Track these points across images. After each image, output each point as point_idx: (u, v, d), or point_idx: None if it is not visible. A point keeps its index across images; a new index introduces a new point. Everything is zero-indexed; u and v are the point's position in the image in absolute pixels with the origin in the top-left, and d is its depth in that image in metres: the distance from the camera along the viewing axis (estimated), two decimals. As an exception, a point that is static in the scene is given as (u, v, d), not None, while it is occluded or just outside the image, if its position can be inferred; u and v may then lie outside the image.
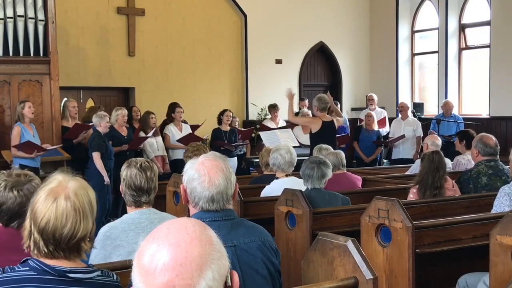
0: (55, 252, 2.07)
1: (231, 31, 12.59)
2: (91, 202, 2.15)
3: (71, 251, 2.10)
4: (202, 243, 1.26)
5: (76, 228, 2.07)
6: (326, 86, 14.03)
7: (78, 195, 2.10)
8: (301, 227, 4.50)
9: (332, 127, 7.93)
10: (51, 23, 8.60)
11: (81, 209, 2.09)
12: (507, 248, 3.32)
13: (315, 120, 7.98)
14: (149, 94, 11.47)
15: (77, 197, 2.09)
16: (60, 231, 2.05)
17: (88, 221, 2.11)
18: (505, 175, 5.48)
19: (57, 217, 2.05)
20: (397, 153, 10.69)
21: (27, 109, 7.76)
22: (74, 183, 2.13)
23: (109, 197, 7.96)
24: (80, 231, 2.08)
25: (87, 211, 2.11)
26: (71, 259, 2.10)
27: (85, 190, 2.15)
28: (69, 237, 2.07)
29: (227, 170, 2.51)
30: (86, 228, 2.11)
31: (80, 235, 2.09)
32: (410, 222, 3.87)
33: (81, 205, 2.09)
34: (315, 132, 7.85)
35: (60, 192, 2.08)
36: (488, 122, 11.61)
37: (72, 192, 2.09)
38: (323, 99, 7.99)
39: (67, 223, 2.06)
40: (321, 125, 7.82)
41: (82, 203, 2.10)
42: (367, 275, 2.55)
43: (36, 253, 2.08)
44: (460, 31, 12.61)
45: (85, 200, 2.12)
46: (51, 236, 2.05)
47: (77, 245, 2.10)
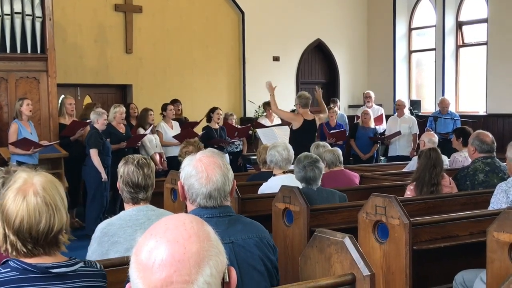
0: (34, 250, 2.05)
1: (229, 28, 12.59)
2: (61, 194, 2.12)
3: (50, 246, 2.08)
4: (200, 239, 1.26)
5: (51, 222, 2.05)
6: (323, 83, 14.02)
7: (47, 189, 2.07)
8: (298, 224, 4.51)
9: (312, 125, 7.95)
10: (48, 20, 8.59)
11: (52, 202, 2.06)
12: (504, 244, 3.33)
13: (297, 117, 7.98)
14: (146, 91, 11.46)
15: (46, 191, 2.06)
16: (36, 228, 2.03)
17: (61, 213, 2.09)
18: (501, 172, 5.49)
19: (30, 214, 2.02)
20: (393, 150, 10.70)
21: (25, 106, 7.76)
22: (40, 178, 2.10)
23: (107, 194, 7.96)
24: (55, 224, 2.06)
25: (59, 203, 2.09)
26: (51, 254, 2.09)
27: (52, 183, 2.12)
28: (46, 233, 2.04)
29: (225, 167, 2.52)
30: (61, 221, 2.09)
31: (56, 229, 2.07)
32: (407, 219, 3.88)
33: (51, 198, 2.06)
34: (295, 129, 7.89)
35: (28, 189, 2.05)
36: (485, 119, 11.63)
37: (40, 187, 2.06)
38: (303, 96, 8.01)
39: (41, 219, 2.03)
40: (302, 123, 7.83)
41: (53, 197, 2.07)
42: (364, 272, 2.56)
43: (15, 254, 2.06)
44: (457, 28, 12.62)
45: (54, 193, 2.09)
46: (27, 235, 2.03)
47: (55, 239, 2.08)
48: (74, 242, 2.45)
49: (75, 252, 2.33)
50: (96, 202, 7.84)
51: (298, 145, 6.76)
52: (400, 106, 10.81)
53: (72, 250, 2.34)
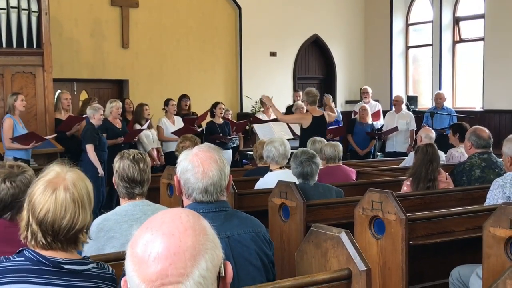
0: (52, 244, 2.06)
1: (226, 23, 12.56)
2: (89, 194, 2.14)
3: (69, 243, 2.09)
4: (196, 233, 1.26)
5: (75, 219, 2.06)
6: (320, 79, 14.04)
7: (77, 186, 2.09)
8: (295, 219, 4.51)
9: (322, 121, 7.88)
10: (44, 15, 8.56)
11: (80, 200, 2.08)
12: (500, 240, 3.33)
13: (306, 115, 7.89)
14: (143, 86, 11.44)
15: (76, 189, 2.08)
16: (59, 223, 2.04)
17: (86, 213, 2.11)
18: (498, 167, 5.50)
19: (56, 208, 2.04)
20: (390, 146, 10.71)
21: (20, 101, 7.71)
22: (72, 174, 2.12)
23: (103, 189, 7.94)
24: (78, 222, 2.08)
25: (86, 202, 2.11)
26: (68, 250, 2.10)
27: (83, 181, 2.14)
28: (67, 229, 2.06)
29: (221, 162, 2.51)
30: (85, 220, 2.11)
31: (78, 227, 2.08)
32: (404, 214, 3.88)
33: (80, 196, 2.08)
34: (305, 127, 7.77)
35: (59, 183, 2.07)
36: (481, 115, 11.64)
37: (70, 183, 2.08)
38: (311, 93, 7.89)
39: (66, 214, 2.05)
40: (312, 120, 7.74)
41: (81, 195, 2.09)
42: (361, 267, 2.55)
43: (33, 244, 2.07)
44: (454, 24, 12.62)
45: (83, 192, 2.11)
46: (49, 228, 2.04)
47: (75, 237, 2.10)
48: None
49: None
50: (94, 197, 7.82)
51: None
52: (398, 102, 10.82)
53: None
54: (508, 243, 3.31)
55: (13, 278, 1.98)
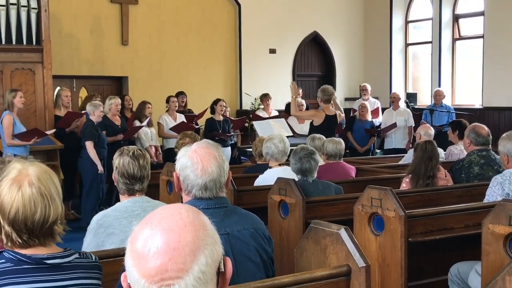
0: (29, 241, 2.04)
1: (225, 20, 12.56)
2: (55, 185, 2.11)
3: (46, 237, 2.07)
4: (196, 228, 1.26)
5: (46, 213, 2.04)
6: (319, 76, 14.03)
7: (42, 179, 2.06)
8: (294, 216, 4.51)
9: (334, 121, 7.78)
10: (43, 11, 8.55)
11: (48, 193, 2.05)
12: (499, 236, 3.34)
13: (319, 113, 7.80)
14: (142, 83, 11.44)
15: (41, 182, 2.05)
16: (31, 219, 2.02)
17: (57, 204, 2.08)
18: (497, 164, 5.50)
19: (25, 205, 2.01)
20: (389, 143, 10.70)
21: (18, 98, 7.70)
22: (35, 169, 2.09)
23: (103, 186, 7.94)
24: (51, 215, 2.05)
25: (54, 194, 2.08)
26: (47, 244, 2.08)
27: (47, 173, 2.11)
28: (41, 223, 2.04)
29: (220, 158, 2.51)
30: (56, 211, 2.08)
31: (51, 219, 2.06)
32: (403, 211, 3.88)
33: (46, 189, 2.05)
34: (317, 125, 7.65)
35: (23, 180, 2.04)
36: (480, 112, 11.64)
37: (35, 177, 2.05)
38: (327, 91, 7.76)
39: (36, 209, 2.02)
40: (324, 118, 7.64)
41: (48, 187, 2.06)
42: (360, 263, 2.56)
43: (10, 245, 2.05)
44: (453, 21, 12.61)
45: (49, 183, 2.08)
46: (23, 226, 2.02)
47: (50, 230, 2.07)
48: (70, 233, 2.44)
49: (70, 244, 2.33)
50: (92, 194, 7.83)
51: None
52: (395, 99, 10.81)
53: (67, 242, 2.34)
54: (507, 240, 3.32)
55: None
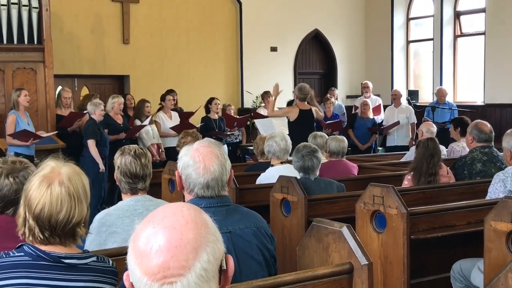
0: (50, 238, 2.07)
1: (226, 18, 12.55)
2: (85, 187, 2.14)
3: (67, 237, 2.10)
4: (198, 226, 1.27)
5: (71, 213, 2.07)
6: (321, 74, 14.03)
7: (72, 180, 2.09)
8: (296, 214, 4.51)
9: (309, 115, 7.91)
10: (45, 10, 8.56)
11: (76, 194, 2.08)
12: (501, 233, 3.34)
13: (293, 109, 7.98)
14: (143, 82, 11.44)
15: (71, 183, 2.09)
16: (55, 217, 2.05)
17: (82, 206, 2.11)
18: (499, 161, 5.49)
19: (51, 203, 2.05)
20: (391, 140, 10.68)
21: (23, 97, 7.73)
22: (67, 169, 2.12)
23: (105, 185, 7.95)
24: (75, 216, 2.08)
25: (81, 196, 2.11)
26: (67, 244, 2.10)
27: (78, 175, 2.14)
28: (64, 223, 2.06)
29: (222, 157, 2.51)
30: (81, 213, 2.11)
31: (75, 221, 2.09)
32: (405, 209, 3.88)
33: (75, 190, 2.09)
34: (292, 120, 7.85)
35: (54, 178, 2.08)
36: (482, 109, 11.63)
37: (65, 177, 2.09)
38: (303, 90, 7.94)
39: (62, 208, 2.05)
40: (298, 113, 7.81)
41: (76, 188, 2.09)
42: (362, 261, 2.56)
43: (32, 239, 2.08)
44: (455, 18, 12.60)
45: (79, 185, 2.11)
46: (46, 222, 2.05)
47: (72, 231, 2.10)
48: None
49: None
50: (94, 193, 7.81)
51: (296, 136, 6.71)
52: (397, 96, 10.78)
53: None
54: (509, 237, 3.32)
55: (13, 274, 1.98)
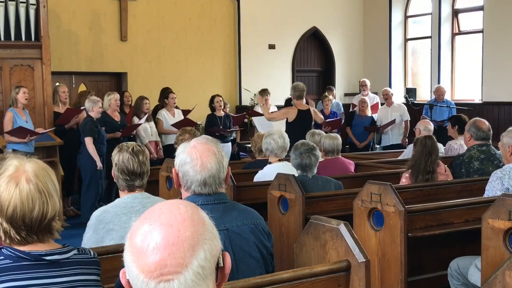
0: (28, 237, 2.04)
1: (224, 15, 12.53)
2: (53, 181, 2.10)
3: (44, 233, 2.07)
4: (195, 223, 1.26)
5: (44, 209, 2.03)
6: (319, 72, 14.02)
7: (39, 176, 2.05)
8: (293, 211, 4.51)
9: (308, 115, 7.94)
10: (42, 7, 8.53)
11: (45, 189, 2.05)
12: (498, 231, 3.34)
13: (291, 109, 7.99)
14: (141, 79, 11.43)
15: (38, 178, 2.04)
16: (29, 216, 2.01)
17: (54, 200, 2.08)
18: (497, 159, 5.50)
19: (23, 202, 2.01)
20: (386, 140, 10.64)
21: (22, 94, 7.73)
22: (32, 165, 2.08)
23: (102, 182, 7.94)
24: (49, 211, 2.05)
25: (51, 190, 2.07)
26: (45, 241, 2.08)
27: (44, 170, 2.10)
28: (39, 220, 2.03)
29: (219, 154, 2.51)
30: (54, 208, 2.07)
31: (50, 215, 2.05)
32: (403, 206, 3.88)
33: (44, 185, 2.05)
34: (291, 121, 7.87)
35: (20, 176, 2.03)
36: (480, 107, 11.63)
37: (32, 174, 2.04)
38: (297, 88, 7.97)
39: (34, 206, 2.02)
40: (297, 113, 7.83)
41: (45, 183, 2.06)
42: (360, 258, 2.56)
43: (9, 242, 2.04)
44: (453, 16, 12.59)
45: (47, 180, 2.07)
46: (21, 223, 2.01)
47: (48, 226, 2.07)
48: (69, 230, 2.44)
49: (70, 240, 2.33)
50: (92, 190, 7.83)
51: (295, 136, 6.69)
52: (388, 96, 10.73)
53: (67, 238, 2.34)
54: (507, 235, 3.32)
55: None
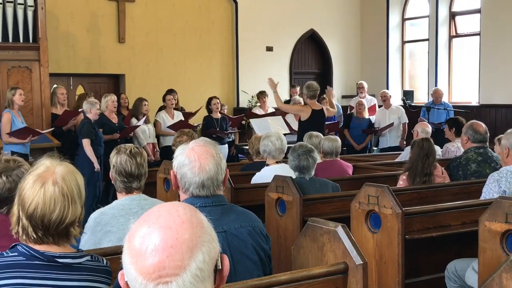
0: (44, 238, 2.06)
1: (222, 18, 12.54)
2: (79, 187, 2.13)
3: (60, 236, 2.08)
4: (193, 226, 1.26)
5: (64, 213, 2.06)
6: (316, 74, 14.03)
7: (66, 180, 2.08)
8: (291, 213, 4.51)
9: (321, 115, 7.90)
10: (40, 9, 8.54)
11: (69, 194, 2.07)
12: (495, 234, 3.34)
13: (305, 108, 7.93)
14: (139, 81, 11.42)
15: (65, 182, 2.07)
16: (48, 217, 2.04)
17: (76, 206, 2.10)
18: (494, 162, 5.51)
19: (45, 202, 2.03)
20: (384, 142, 10.62)
21: (18, 96, 7.71)
22: (62, 168, 2.11)
23: (100, 184, 7.93)
24: (68, 216, 2.07)
25: (75, 196, 2.10)
26: (60, 244, 2.09)
27: (73, 175, 2.13)
28: (58, 223, 2.05)
29: (217, 156, 2.51)
30: (75, 213, 2.10)
31: (68, 220, 2.08)
32: (400, 209, 3.89)
33: (69, 190, 2.07)
34: (304, 120, 7.80)
35: (48, 177, 2.06)
36: (477, 110, 11.65)
37: (60, 177, 2.07)
38: (311, 87, 7.92)
39: (55, 208, 2.04)
40: (311, 113, 7.77)
41: (70, 188, 2.08)
42: (357, 261, 2.56)
43: (25, 238, 2.07)
44: (450, 19, 12.62)
45: (73, 185, 2.10)
46: (39, 222, 2.04)
47: (66, 230, 2.09)
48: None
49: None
50: (89, 192, 7.79)
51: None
52: (386, 98, 10.70)
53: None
54: (503, 237, 3.33)
55: (7, 274, 1.97)
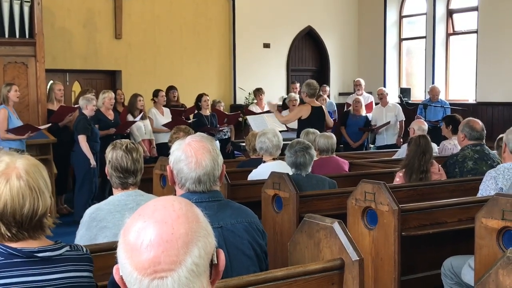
0: (19, 234, 2.03)
1: (219, 14, 12.52)
2: (44, 177, 2.09)
3: (35, 230, 2.06)
4: (189, 220, 1.26)
5: (35, 206, 2.02)
6: (314, 71, 14.02)
7: (30, 172, 2.04)
8: (288, 210, 4.51)
9: (321, 112, 7.92)
10: (36, 4, 8.50)
11: (36, 186, 2.03)
12: (492, 231, 3.34)
13: (304, 107, 7.94)
14: (136, 77, 11.40)
15: (29, 175, 2.03)
16: (19, 212, 2.00)
17: (45, 197, 2.06)
18: (490, 159, 5.52)
19: (13, 198, 2.00)
20: (381, 140, 10.64)
21: (13, 92, 7.68)
22: (23, 162, 2.07)
23: (96, 180, 7.92)
24: (40, 208, 2.04)
25: (43, 187, 2.06)
26: (36, 238, 2.07)
27: (35, 166, 2.09)
28: (30, 216, 2.02)
29: (214, 152, 2.50)
30: (45, 204, 2.06)
31: (40, 212, 2.04)
32: (396, 205, 3.89)
33: (35, 182, 2.04)
34: (304, 118, 7.81)
35: (10, 173, 2.02)
36: (474, 107, 11.66)
37: (23, 170, 2.03)
38: (312, 86, 7.93)
39: (25, 202, 2.01)
40: (311, 111, 7.79)
41: (36, 180, 2.04)
42: (353, 257, 2.56)
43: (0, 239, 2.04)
44: (448, 16, 12.62)
45: (38, 176, 2.06)
46: (11, 219, 2.00)
47: (39, 223, 2.06)
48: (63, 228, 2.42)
49: (63, 238, 2.31)
50: (85, 188, 7.80)
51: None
52: (383, 95, 10.71)
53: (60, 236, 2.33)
54: (500, 234, 3.33)
55: None
